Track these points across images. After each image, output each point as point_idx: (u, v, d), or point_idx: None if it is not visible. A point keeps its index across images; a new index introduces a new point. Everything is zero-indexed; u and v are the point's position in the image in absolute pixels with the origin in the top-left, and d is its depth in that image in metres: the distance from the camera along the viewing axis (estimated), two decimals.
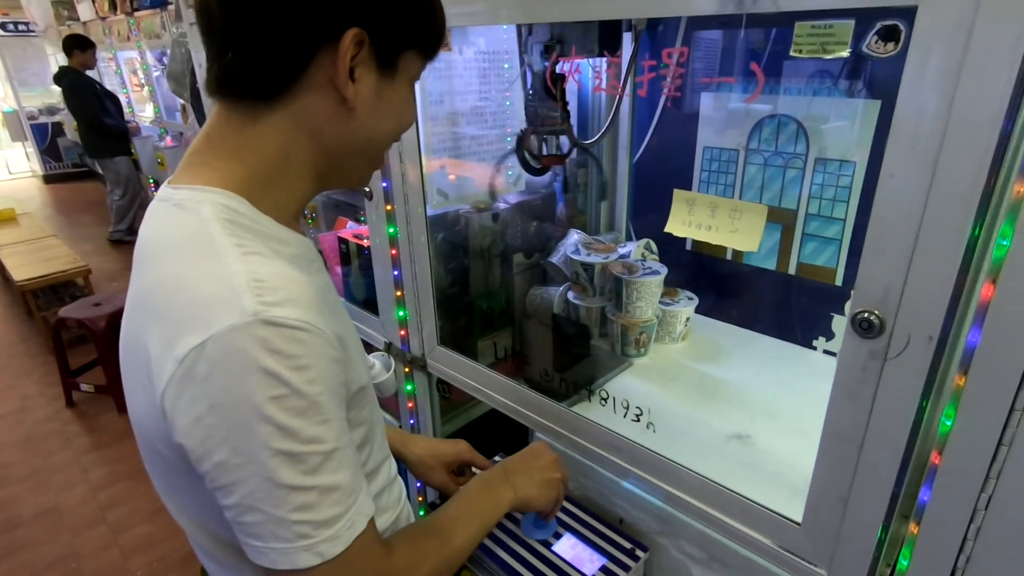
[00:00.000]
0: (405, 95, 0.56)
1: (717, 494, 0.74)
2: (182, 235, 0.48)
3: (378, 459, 0.66)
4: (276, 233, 0.52)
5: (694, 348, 1.22)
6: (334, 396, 0.47)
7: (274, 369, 0.42)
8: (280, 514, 0.44)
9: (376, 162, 0.61)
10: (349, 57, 0.48)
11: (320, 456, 0.45)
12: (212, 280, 0.44)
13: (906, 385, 0.50)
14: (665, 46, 1.16)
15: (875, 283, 0.50)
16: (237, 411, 0.42)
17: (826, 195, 1.09)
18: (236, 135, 0.51)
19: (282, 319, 0.43)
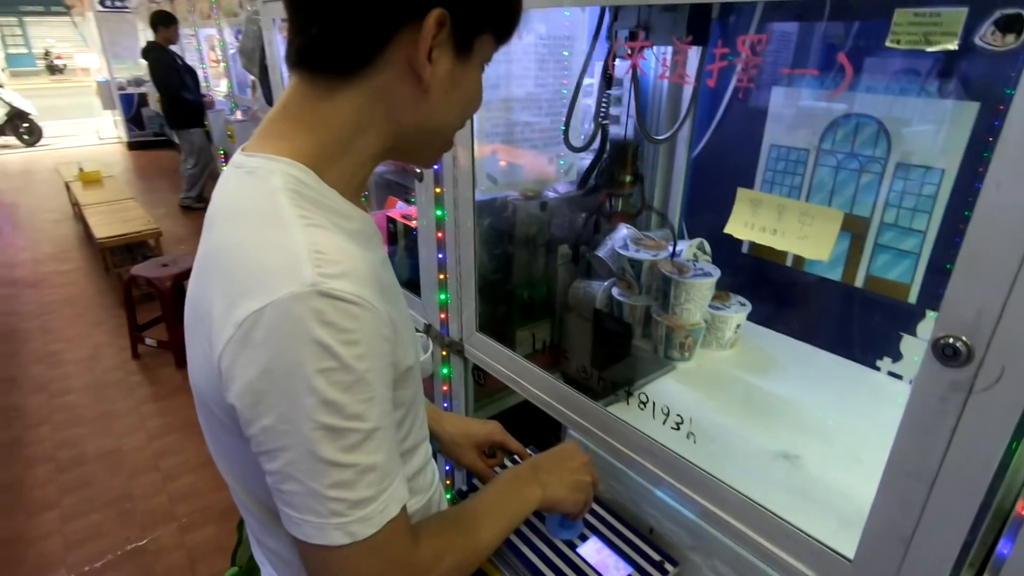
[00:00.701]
0: (477, 79, 0.56)
1: (759, 516, 0.69)
2: (251, 202, 0.49)
3: (417, 439, 0.65)
4: (339, 207, 0.52)
5: (743, 357, 1.15)
6: (381, 375, 0.47)
7: (326, 341, 0.42)
8: (317, 487, 0.44)
9: (446, 145, 0.60)
10: (431, 37, 0.47)
11: (361, 434, 0.45)
12: (275, 248, 0.45)
13: (994, 423, 0.44)
14: (738, 35, 1.08)
15: (966, 305, 0.44)
16: (287, 379, 0.42)
17: (906, 204, 0.99)
18: (312, 108, 0.51)
19: (338, 292, 0.43)
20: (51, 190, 5.83)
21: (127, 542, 1.92)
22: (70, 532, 1.96)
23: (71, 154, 7.16)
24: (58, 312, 3.49)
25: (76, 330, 3.28)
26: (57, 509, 2.06)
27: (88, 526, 1.98)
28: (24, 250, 4.43)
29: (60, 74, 15.67)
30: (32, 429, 2.48)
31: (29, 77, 15.29)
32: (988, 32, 0.45)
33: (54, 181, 5.80)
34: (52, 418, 2.55)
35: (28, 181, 6.38)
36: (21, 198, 5.78)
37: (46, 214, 5.24)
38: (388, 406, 0.49)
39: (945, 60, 0.89)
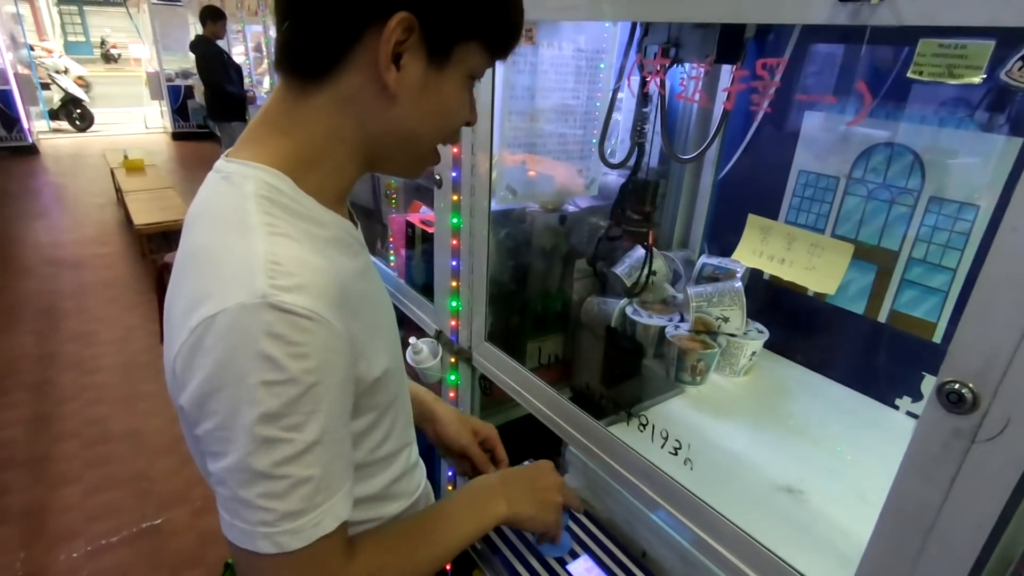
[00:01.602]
0: (457, 90, 0.53)
1: (753, 550, 0.67)
2: (222, 208, 0.50)
3: (397, 444, 0.64)
4: (314, 214, 0.52)
5: (756, 385, 1.13)
6: (332, 388, 0.46)
7: (272, 354, 0.42)
8: (246, 495, 0.44)
9: (425, 157, 0.58)
10: (394, 41, 0.47)
11: (299, 447, 0.44)
12: (235, 256, 0.45)
13: (997, 476, 0.42)
14: (776, 55, 1.06)
15: (974, 350, 0.43)
16: (231, 387, 0.43)
17: (937, 239, 0.96)
18: (288, 112, 0.52)
19: (289, 305, 0.43)
20: (98, 175, 6.09)
21: (143, 520, 1.98)
22: (90, 506, 2.04)
23: (119, 141, 7.47)
24: (95, 293, 3.64)
25: (111, 312, 3.41)
26: (80, 484, 2.14)
27: (107, 502, 2.06)
28: (68, 231, 4.64)
29: (115, 63, 16.39)
30: (62, 404, 2.59)
31: (86, 64, 16.04)
32: (1015, 67, 0.43)
33: (101, 166, 6.06)
34: (81, 395, 2.65)
35: (77, 165, 6.68)
36: (69, 181, 6.05)
37: (91, 198, 5.47)
38: (339, 420, 0.48)
39: (997, 92, 0.86)
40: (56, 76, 8.06)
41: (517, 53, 1.07)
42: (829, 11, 0.46)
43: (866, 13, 0.44)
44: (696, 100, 0.75)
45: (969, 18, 0.40)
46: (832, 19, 0.46)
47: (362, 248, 0.60)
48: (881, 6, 0.42)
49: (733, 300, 1.09)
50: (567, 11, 0.81)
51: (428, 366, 1.21)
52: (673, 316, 1.16)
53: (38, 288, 3.67)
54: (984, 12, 0.39)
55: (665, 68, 0.96)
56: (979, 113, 0.89)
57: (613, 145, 1.38)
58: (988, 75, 0.45)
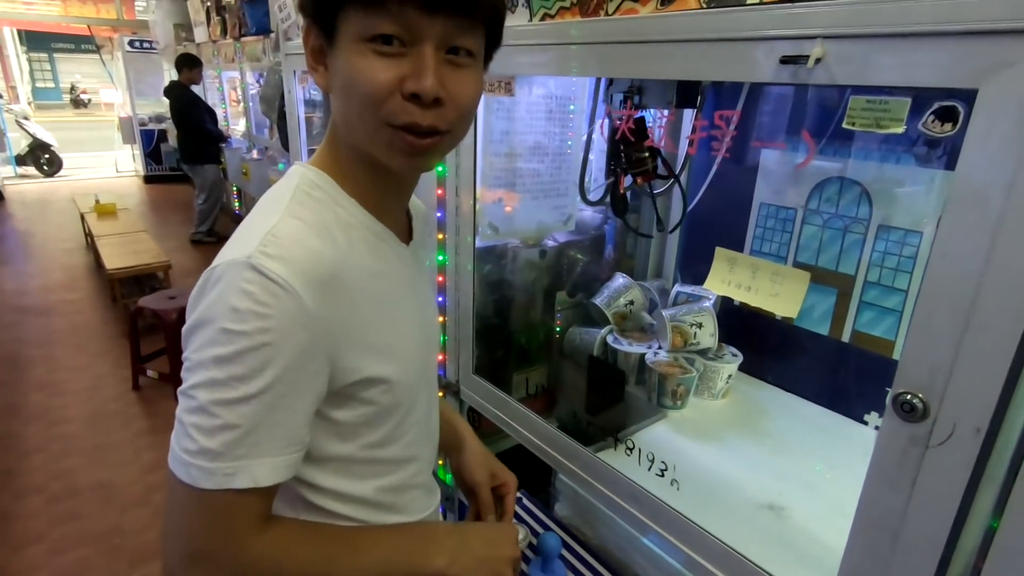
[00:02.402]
0: (348, 62, 0.52)
1: (741, 567, 0.70)
2: (271, 195, 0.58)
3: (400, 454, 0.65)
4: (348, 212, 0.58)
5: (734, 407, 1.18)
6: (286, 357, 0.49)
7: (239, 306, 0.48)
8: (185, 419, 0.49)
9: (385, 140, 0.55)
10: (309, 47, 0.55)
11: (236, 395, 0.48)
12: (255, 227, 0.53)
13: (949, 477, 0.47)
14: (732, 102, 1.16)
15: (920, 364, 0.48)
16: (205, 326, 0.49)
17: (888, 263, 1.04)
18: (330, 125, 0.61)
19: (265, 268, 0.48)
20: (66, 220, 5.97)
21: None
22: (57, 566, 1.92)
23: (89, 185, 7.36)
24: (63, 341, 3.52)
25: (79, 359, 3.30)
26: (45, 542, 2.02)
27: (76, 560, 1.95)
28: (34, 278, 4.51)
29: (84, 108, 16.28)
30: (26, 458, 2.46)
31: (54, 110, 15.89)
32: (929, 120, 0.51)
33: (70, 211, 5.95)
34: (47, 447, 2.53)
35: (44, 211, 6.54)
36: (36, 227, 5.91)
37: (59, 243, 5.34)
38: (289, 391, 0.50)
39: None
40: (24, 122, 7.98)
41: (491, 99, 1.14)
42: (774, 71, 0.53)
43: (804, 73, 0.51)
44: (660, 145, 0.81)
45: (888, 79, 0.47)
46: (777, 77, 0.53)
47: (399, 258, 0.64)
48: (817, 68, 0.49)
49: (703, 310, 1.16)
50: (539, 67, 0.88)
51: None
52: (652, 343, 1.21)
53: (2, 337, 3.54)
54: (899, 74, 0.46)
55: (630, 116, 1.04)
56: (917, 148, 0.98)
57: (588, 183, 1.45)
58: (909, 126, 0.53)
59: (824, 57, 0.49)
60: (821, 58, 0.48)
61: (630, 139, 1.09)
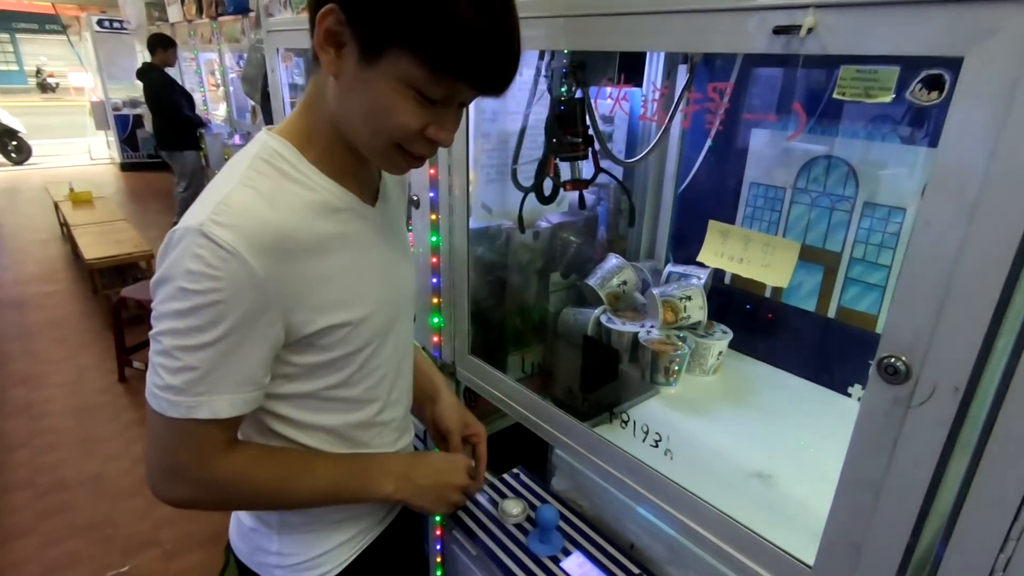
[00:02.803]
0: (388, 92, 0.55)
1: (731, 529, 0.73)
2: (235, 161, 0.63)
3: (362, 394, 0.72)
4: (307, 179, 0.62)
5: (725, 383, 1.21)
6: (236, 312, 0.56)
7: (192, 268, 0.54)
8: (155, 360, 0.57)
9: (380, 152, 0.61)
10: (324, 28, 0.55)
11: (193, 342, 0.55)
12: (211, 194, 0.58)
13: (929, 435, 0.50)
14: (722, 80, 1.17)
15: (903, 328, 0.50)
16: (166, 283, 0.56)
17: (872, 240, 1.07)
18: (307, 93, 0.64)
19: (214, 236, 0.54)
20: (38, 210, 5.80)
21: (107, 569, 1.88)
22: (48, 559, 1.92)
23: (61, 173, 7.15)
24: (42, 334, 3.45)
25: (60, 352, 3.24)
26: (34, 535, 2.01)
27: (67, 553, 1.94)
28: (6, 270, 4.38)
29: (52, 92, 15.73)
30: (11, 452, 2.43)
31: (19, 95, 15.32)
32: (916, 89, 0.53)
33: (42, 200, 5.79)
34: (32, 442, 2.50)
35: (14, 200, 6.35)
36: (6, 217, 5.73)
37: (32, 234, 5.20)
38: (242, 341, 0.57)
39: (916, 110, 0.97)
40: None
41: None
42: (767, 41, 0.54)
43: (796, 43, 0.52)
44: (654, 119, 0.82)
45: (878, 48, 0.49)
46: (770, 48, 0.54)
47: (360, 218, 0.67)
48: (808, 38, 0.51)
49: (692, 286, 1.20)
50: (530, 41, 0.88)
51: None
52: (645, 322, 1.24)
53: None
54: (888, 43, 0.48)
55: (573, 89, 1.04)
56: (902, 128, 1.01)
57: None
58: (897, 95, 0.55)
59: (816, 27, 0.50)
60: (813, 28, 0.50)
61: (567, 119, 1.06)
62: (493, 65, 0.56)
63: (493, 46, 0.54)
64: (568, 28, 0.77)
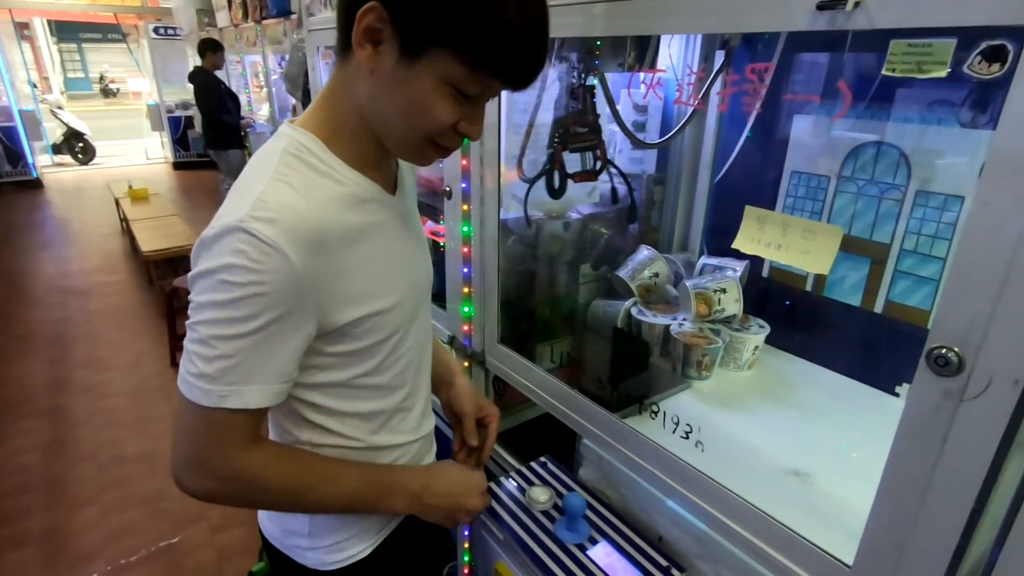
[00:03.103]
0: (428, 91, 0.57)
1: (764, 524, 0.71)
2: (261, 156, 0.63)
3: (391, 380, 0.73)
4: (336, 173, 0.63)
5: (760, 378, 1.17)
6: (275, 305, 0.57)
7: (233, 262, 0.55)
8: (190, 348, 0.58)
9: (413, 146, 0.64)
10: (365, 25, 0.55)
11: (230, 332, 0.56)
12: (245, 191, 0.58)
13: (983, 431, 0.47)
14: (762, 61, 1.13)
15: (957, 317, 0.47)
16: (207, 277, 0.56)
17: (926, 231, 1.01)
18: (332, 85, 0.64)
19: (256, 231, 0.55)
20: (102, 206, 6.16)
21: (160, 539, 2.00)
22: (108, 527, 2.05)
23: (121, 172, 7.57)
24: (104, 320, 3.68)
25: (120, 337, 3.45)
26: (96, 505, 2.15)
27: (125, 522, 2.07)
28: (74, 262, 4.69)
29: (113, 97, 16.65)
30: (76, 429, 2.61)
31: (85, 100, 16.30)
32: (975, 61, 0.49)
33: (105, 198, 6.14)
34: (94, 420, 2.67)
35: (80, 197, 6.76)
36: (74, 213, 6.12)
37: (96, 228, 5.54)
38: (278, 334, 0.58)
39: (979, 92, 0.91)
40: (58, 111, 8.21)
41: None
42: (810, 18, 0.52)
43: (842, 19, 0.49)
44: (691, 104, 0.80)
45: (934, 19, 0.45)
46: (813, 25, 0.52)
47: (385, 208, 0.68)
48: (856, 12, 0.48)
49: (727, 278, 1.16)
50: (565, 29, 0.86)
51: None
52: (677, 315, 1.21)
53: (47, 317, 3.71)
54: (948, 14, 0.45)
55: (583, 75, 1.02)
56: (963, 112, 0.94)
57: (612, 154, 1.43)
58: (953, 74, 0.51)
59: (864, 0, 0.47)
60: (860, 1, 0.47)
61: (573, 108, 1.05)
62: (530, 62, 0.58)
63: (532, 44, 0.57)
64: (603, 13, 0.76)
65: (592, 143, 1.10)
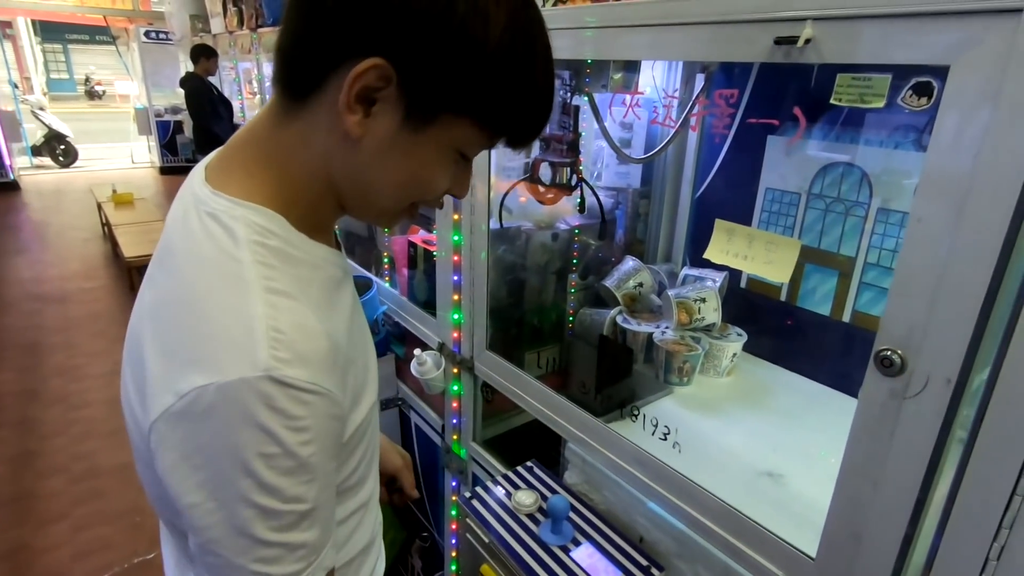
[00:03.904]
0: (434, 160, 0.50)
1: (738, 522, 0.75)
2: (211, 252, 0.46)
3: (363, 473, 0.61)
4: (309, 256, 0.51)
5: (738, 384, 1.22)
6: (325, 454, 0.46)
7: (271, 427, 0.42)
8: (240, 562, 0.43)
9: (395, 214, 0.54)
10: (360, 85, 0.44)
11: (297, 515, 0.44)
12: (232, 319, 0.43)
13: (923, 426, 0.52)
14: (739, 86, 1.20)
15: (899, 322, 0.52)
16: (223, 459, 0.41)
17: (887, 246, 1.08)
18: (272, 134, 0.50)
19: (291, 379, 0.42)
20: (82, 210, 6.08)
21: (135, 555, 1.94)
22: (79, 543, 1.99)
23: (104, 176, 7.49)
24: (82, 328, 3.61)
25: (98, 345, 3.39)
26: (68, 520, 2.09)
27: (97, 538, 2.02)
28: (51, 267, 4.61)
29: (99, 99, 16.47)
30: (47, 440, 2.53)
31: (68, 101, 16.10)
32: (907, 95, 0.55)
33: (86, 201, 6.07)
34: (68, 431, 2.60)
35: (60, 200, 6.67)
36: (52, 216, 6.03)
37: (76, 232, 5.46)
38: (330, 479, 0.48)
39: (925, 118, 0.98)
40: (39, 113, 8.11)
41: None
42: (769, 51, 0.58)
43: (796, 53, 0.55)
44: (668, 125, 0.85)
45: (870, 56, 0.52)
46: (772, 57, 0.58)
47: (348, 277, 0.59)
48: (806, 48, 0.54)
49: (706, 288, 1.23)
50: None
51: (432, 377, 1.28)
52: (660, 323, 1.26)
53: (20, 324, 3.62)
54: (880, 53, 0.51)
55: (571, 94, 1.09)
56: (917, 135, 1.02)
57: (599, 168, 1.49)
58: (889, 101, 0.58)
59: (813, 38, 0.53)
60: (811, 39, 0.53)
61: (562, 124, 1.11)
62: (542, 124, 0.53)
63: (549, 106, 0.51)
64: (592, 41, 0.81)
65: (570, 160, 1.17)
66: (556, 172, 1.21)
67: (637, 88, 1.07)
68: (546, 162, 1.20)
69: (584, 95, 1.15)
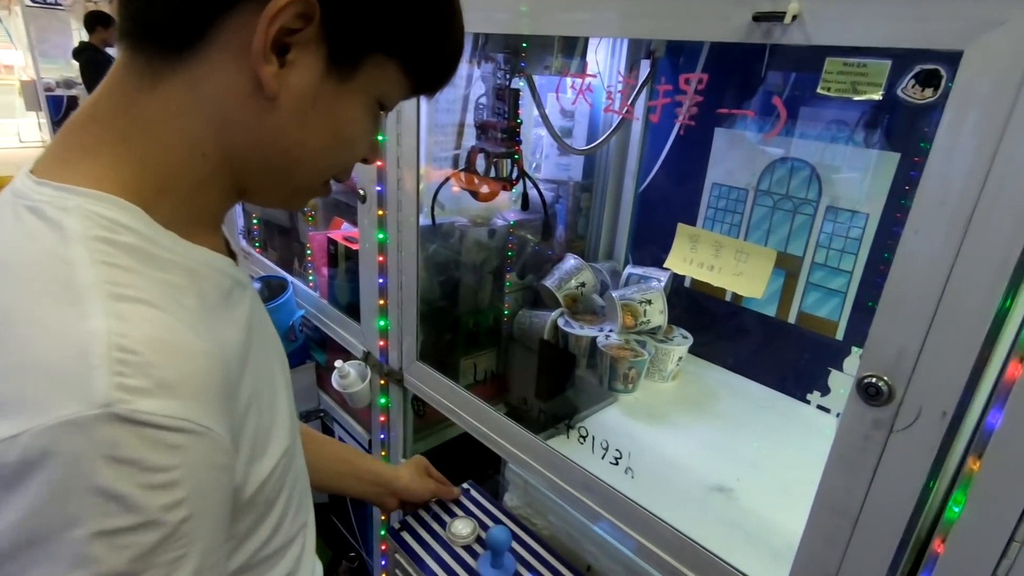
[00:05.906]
0: (360, 115, 0.42)
1: (693, 552, 0.68)
2: (29, 256, 0.34)
3: (292, 529, 0.50)
4: (182, 259, 0.38)
5: (684, 389, 1.17)
6: (206, 519, 0.34)
7: (118, 491, 0.29)
8: None
9: (309, 190, 0.46)
10: (279, 26, 0.35)
11: None
12: (56, 339, 0.31)
13: (912, 462, 0.46)
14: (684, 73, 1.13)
15: (887, 345, 0.46)
16: (48, 542, 0.29)
17: (834, 245, 1.05)
18: (129, 104, 0.38)
19: (147, 416, 0.30)
20: None
21: None
22: None
23: None
24: None
25: None
26: None
27: None
28: None
29: None
30: None
31: None
32: (909, 85, 0.48)
33: None
34: None
35: None
36: None
37: None
38: (216, 545, 0.36)
39: (871, 112, 0.95)
40: None
41: None
42: (746, 29, 0.49)
43: (778, 32, 0.47)
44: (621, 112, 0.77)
45: (869, 39, 0.44)
46: (748, 37, 0.49)
47: (244, 290, 0.46)
48: (792, 26, 0.45)
49: (652, 289, 1.16)
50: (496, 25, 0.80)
51: (356, 390, 1.14)
52: (603, 326, 1.18)
53: None
54: (880, 34, 0.43)
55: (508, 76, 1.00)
56: (859, 131, 0.99)
57: (538, 159, 1.39)
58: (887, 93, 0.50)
59: (800, 14, 0.45)
60: (798, 15, 0.44)
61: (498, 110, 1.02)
62: (458, 61, 0.47)
63: (462, 42, 0.46)
64: (529, 10, 0.70)
65: (510, 150, 1.05)
66: (494, 164, 1.09)
67: (587, 71, 0.96)
68: (483, 152, 1.08)
69: (522, 78, 1.04)
